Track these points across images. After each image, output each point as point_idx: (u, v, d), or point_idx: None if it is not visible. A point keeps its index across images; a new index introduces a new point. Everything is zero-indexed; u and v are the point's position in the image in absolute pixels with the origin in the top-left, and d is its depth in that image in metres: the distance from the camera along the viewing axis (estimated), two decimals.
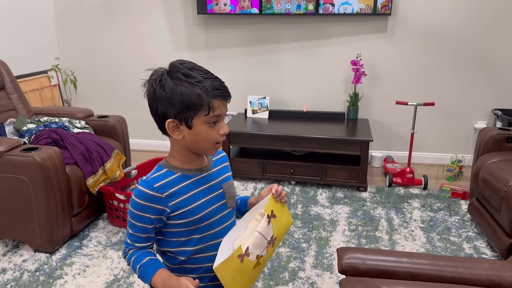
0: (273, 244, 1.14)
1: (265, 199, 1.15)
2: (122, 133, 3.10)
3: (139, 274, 1.10)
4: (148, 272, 1.08)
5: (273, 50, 3.87)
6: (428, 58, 3.68)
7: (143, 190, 1.06)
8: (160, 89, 1.03)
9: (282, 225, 1.18)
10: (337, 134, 3.36)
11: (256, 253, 1.07)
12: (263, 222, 1.10)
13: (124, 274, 2.25)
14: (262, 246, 1.09)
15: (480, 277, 1.43)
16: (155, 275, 1.07)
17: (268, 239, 1.11)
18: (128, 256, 1.13)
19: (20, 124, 2.78)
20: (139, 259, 1.10)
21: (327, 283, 2.18)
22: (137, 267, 1.10)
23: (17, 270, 2.29)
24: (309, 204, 3.06)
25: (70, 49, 4.18)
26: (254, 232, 1.08)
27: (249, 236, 1.07)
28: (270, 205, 1.14)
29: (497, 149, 2.68)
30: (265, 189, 1.20)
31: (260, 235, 1.08)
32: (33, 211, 2.34)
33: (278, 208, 1.16)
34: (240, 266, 1.04)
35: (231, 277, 1.03)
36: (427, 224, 2.79)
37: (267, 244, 1.11)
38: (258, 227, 1.09)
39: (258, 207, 1.14)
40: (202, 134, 1.05)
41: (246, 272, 1.07)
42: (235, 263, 1.03)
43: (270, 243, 1.12)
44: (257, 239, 1.08)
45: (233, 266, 1.03)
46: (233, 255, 1.02)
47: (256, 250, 1.07)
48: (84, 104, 4.11)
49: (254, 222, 1.11)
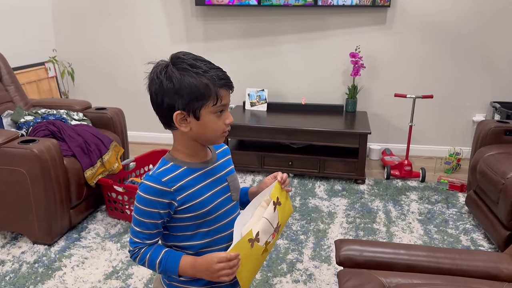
0: (278, 231, 1.14)
1: (270, 186, 1.15)
2: (120, 125, 3.09)
3: (161, 269, 1.07)
4: (171, 263, 1.06)
5: (272, 42, 3.86)
6: (427, 51, 3.67)
7: (151, 184, 1.04)
8: (167, 81, 1.00)
9: (286, 213, 1.18)
10: (336, 126, 3.36)
11: (264, 239, 1.07)
12: (269, 208, 1.10)
13: (123, 266, 2.25)
14: (269, 232, 1.09)
15: (477, 268, 1.44)
16: (180, 263, 1.05)
17: (274, 226, 1.11)
18: (140, 255, 1.08)
19: (18, 116, 2.77)
20: (156, 254, 1.07)
21: (324, 275, 2.19)
22: (156, 262, 1.06)
23: (16, 262, 2.29)
24: (307, 197, 3.07)
25: (67, 41, 4.15)
26: (262, 218, 1.07)
27: (257, 222, 1.07)
28: (276, 192, 1.13)
29: (495, 141, 2.68)
30: (269, 177, 1.20)
31: (267, 222, 1.08)
32: (31, 203, 2.34)
33: (283, 196, 1.16)
34: (250, 251, 1.03)
35: (241, 262, 1.02)
36: (425, 216, 2.80)
37: (273, 231, 1.11)
38: (265, 213, 1.09)
39: (264, 194, 1.14)
40: (210, 124, 1.04)
41: (255, 258, 1.07)
42: (245, 247, 1.02)
43: (276, 230, 1.12)
44: (265, 225, 1.07)
45: (244, 250, 1.02)
46: (244, 239, 1.02)
47: (264, 236, 1.07)
48: (81, 96, 4.09)
49: (260, 209, 1.10)
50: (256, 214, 1.09)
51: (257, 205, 1.11)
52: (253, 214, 1.10)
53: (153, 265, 1.07)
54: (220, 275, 1.01)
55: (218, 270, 1.00)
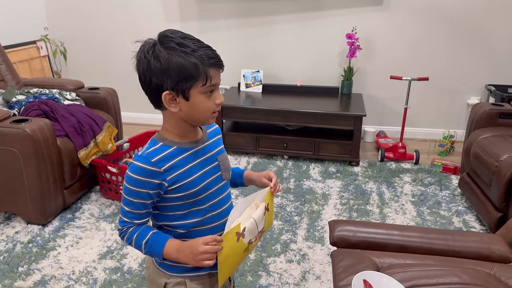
0: (260, 235, 1.16)
1: (263, 191, 1.17)
2: (114, 105, 3.06)
3: (147, 249, 1.07)
4: (157, 245, 1.06)
5: (267, 22, 3.80)
6: (423, 33, 3.64)
7: (140, 165, 1.03)
8: (154, 61, 0.98)
9: (269, 221, 1.21)
10: (331, 108, 3.35)
11: (248, 238, 1.09)
12: (259, 211, 1.12)
13: (118, 246, 2.26)
14: (253, 233, 1.11)
15: (470, 249, 1.45)
16: (166, 246, 1.06)
17: (259, 229, 1.13)
18: (128, 234, 1.08)
19: (9, 95, 2.73)
20: (142, 235, 1.07)
21: (318, 255, 2.21)
22: (142, 243, 1.07)
23: (9, 241, 2.29)
24: (302, 178, 3.07)
25: (59, 19, 4.07)
26: (250, 218, 1.09)
27: (245, 220, 1.08)
28: (267, 198, 1.16)
29: (490, 124, 2.69)
30: (265, 174, 1.22)
31: (255, 223, 1.10)
32: (25, 183, 2.33)
33: (271, 204, 1.20)
34: (235, 244, 1.05)
35: (225, 253, 1.04)
36: (418, 198, 2.82)
37: (257, 234, 1.13)
38: (254, 214, 1.10)
39: (254, 197, 1.16)
40: (200, 104, 1.02)
41: (238, 253, 1.09)
42: (231, 239, 1.04)
43: (259, 233, 1.14)
44: (252, 225, 1.09)
45: (230, 242, 1.04)
46: (232, 231, 1.03)
47: (249, 235, 1.09)
48: (74, 75, 4.04)
49: (249, 210, 1.12)
50: (245, 213, 1.11)
51: (247, 206, 1.13)
52: (241, 213, 1.11)
53: (139, 245, 1.07)
54: (202, 259, 1.02)
55: (201, 252, 1.01)
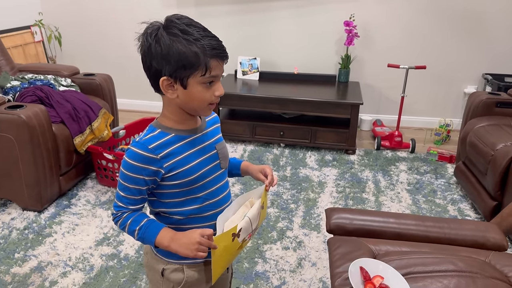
0: (253, 233, 1.17)
1: (258, 189, 1.17)
2: (109, 92, 3.04)
3: (139, 236, 1.07)
4: (150, 232, 1.06)
5: (265, 8, 3.77)
6: (421, 20, 3.62)
7: (137, 151, 1.03)
8: (155, 44, 0.97)
9: (262, 218, 1.22)
10: (328, 97, 3.34)
11: (243, 237, 1.10)
12: (254, 209, 1.12)
13: (114, 233, 2.26)
14: (247, 231, 1.12)
15: (465, 237, 1.46)
16: (159, 234, 1.05)
17: (253, 227, 1.13)
18: (122, 220, 1.08)
19: (4, 81, 2.70)
20: (136, 221, 1.07)
21: (314, 242, 2.22)
22: (135, 229, 1.06)
23: (5, 228, 2.28)
24: (298, 166, 3.08)
25: (53, 4, 4.01)
26: (245, 217, 1.09)
27: (240, 220, 1.09)
28: (263, 197, 1.17)
29: (486, 113, 2.69)
30: (262, 169, 1.21)
31: (249, 221, 1.10)
32: (20, 169, 2.31)
33: (265, 202, 1.21)
34: (230, 244, 1.06)
35: (219, 252, 1.05)
36: (413, 186, 2.83)
37: (251, 231, 1.14)
38: (249, 213, 1.11)
39: (249, 195, 1.16)
40: (197, 94, 1.01)
41: (231, 252, 1.10)
42: (227, 240, 1.05)
43: (253, 232, 1.15)
44: (247, 224, 1.10)
45: (225, 243, 1.04)
46: (228, 232, 1.04)
47: (243, 234, 1.10)
48: (69, 61, 3.99)
49: (244, 208, 1.13)
50: (239, 212, 1.12)
51: (241, 204, 1.14)
52: (235, 211, 1.12)
53: (133, 230, 1.07)
54: (197, 248, 1.01)
55: (198, 242, 1.00)
